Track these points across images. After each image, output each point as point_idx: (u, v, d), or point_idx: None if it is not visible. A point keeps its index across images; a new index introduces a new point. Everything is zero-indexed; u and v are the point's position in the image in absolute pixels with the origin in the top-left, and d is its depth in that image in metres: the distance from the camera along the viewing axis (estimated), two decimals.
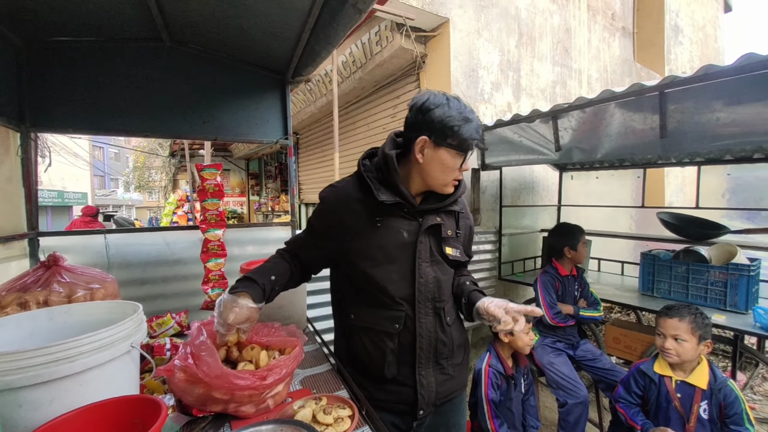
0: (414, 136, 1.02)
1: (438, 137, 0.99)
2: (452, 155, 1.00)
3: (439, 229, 1.10)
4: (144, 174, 15.45)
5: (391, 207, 1.05)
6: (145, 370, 1.22)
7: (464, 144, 1.00)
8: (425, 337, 1.08)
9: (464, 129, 0.98)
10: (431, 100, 1.00)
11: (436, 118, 0.97)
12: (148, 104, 1.77)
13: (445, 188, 1.07)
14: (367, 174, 1.07)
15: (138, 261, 1.83)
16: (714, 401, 1.50)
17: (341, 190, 1.13)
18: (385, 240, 1.05)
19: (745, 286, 2.14)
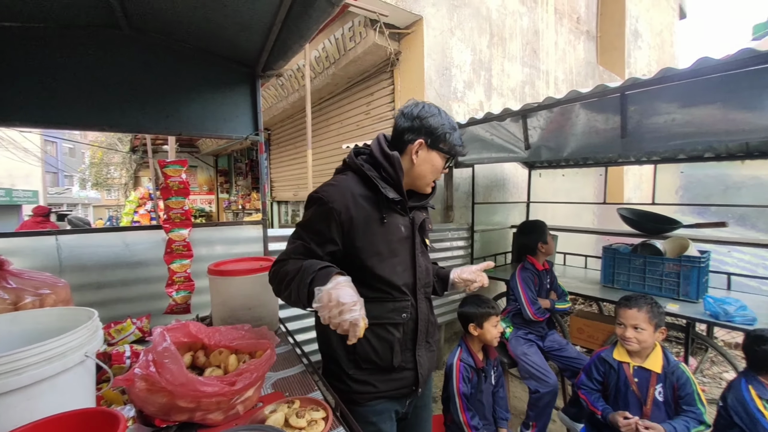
0: (410, 139, 1.13)
1: (433, 141, 1.13)
2: (441, 158, 1.16)
3: (425, 224, 1.24)
4: (102, 170, 14.57)
5: (392, 204, 1.13)
6: (103, 380, 1.14)
7: (453, 149, 1.16)
8: (423, 320, 1.22)
9: (454, 136, 1.15)
10: (426, 110, 1.14)
11: (432, 124, 1.12)
12: (104, 96, 1.65)
13: (427, 187, 1.22)
14: (370, 173, 1.12)
15: (94, 264, 1.72)
16: (668, 384, 1.60)
17: (344, 188, 1.11)
18: (391, 235, 1.13)
19: (696, 277, 2.29)
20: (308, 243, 1.08)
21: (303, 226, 1.11)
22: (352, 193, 1.10)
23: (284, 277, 1.03)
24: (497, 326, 1.81)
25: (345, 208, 1.07)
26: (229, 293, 1.48)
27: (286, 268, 1.04)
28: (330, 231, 1.08)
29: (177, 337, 1.07)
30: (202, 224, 2.03)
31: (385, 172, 1.12)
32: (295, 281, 0.98)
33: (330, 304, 0.88)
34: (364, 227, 1.09)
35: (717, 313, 1.96)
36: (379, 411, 1.17)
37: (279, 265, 1.08)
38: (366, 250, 1.10)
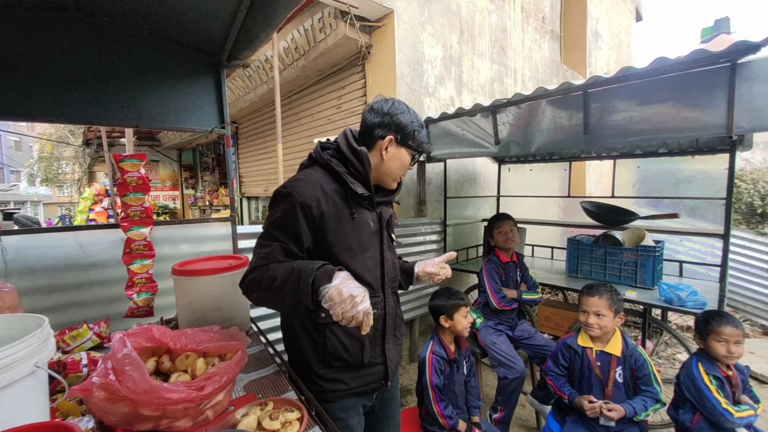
0: (380, 135, 1.14)
1: (402, 138, 1.14)
2: (408, 154, 1.18)
3: (391, 219, 1.27)
4: (52, 165, 13.52)
5: (360, 199, 1.14)
6: (58, 390, 1.07)
7: (420, 146, 1.18)
8: (391, 315, 1.23)
9: (422, 134, 1.17)
10: (396, 106, 1.14)
11: (402, 121, 1.13)
12: (51, 84, 1.51)
13: (393, 183, 1.23)
14: (339, 169, 1.11)
15: (43, 266, 1.58)
16: (627, 366, 1.71)
17: (313, 183, 1.08)
18: (360, 230, 1.14)
19: (651, 265, 2.45)
20: (285, 243, 1.03)
21: (274, 226, 1.06)
22: (322, 188, 1.08)
23: (271, 284, 0.97)
24: (467, 317, 1.85)
25: (316, 202, 1.05)
26: (196, 294, 1.42)
27: (270, 273, 0.98)
28: (303, 227, 1.05)
29: (139, 342, 1.01)
30: (165, 222, 1.92)
31: (353, 168, 1.12)
32: (289, 285, 0.94)
33: (342, 298, 0.88)
34: (335, 222, 1.09)
35: (671, 299, 2.10)
36: (347, 407, 1.17)
37: (258, 271, 1.01)
38: (338, 245, 1.09)
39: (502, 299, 2.45)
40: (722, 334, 1.60)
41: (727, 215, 1.95)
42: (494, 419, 2.27)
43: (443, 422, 1.70)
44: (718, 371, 1.62)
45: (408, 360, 3.44)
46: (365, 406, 1.25)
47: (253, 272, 1.03)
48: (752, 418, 1.54)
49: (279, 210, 1.06)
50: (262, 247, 1.06)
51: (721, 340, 1.61)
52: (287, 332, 1.24)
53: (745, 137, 2.28)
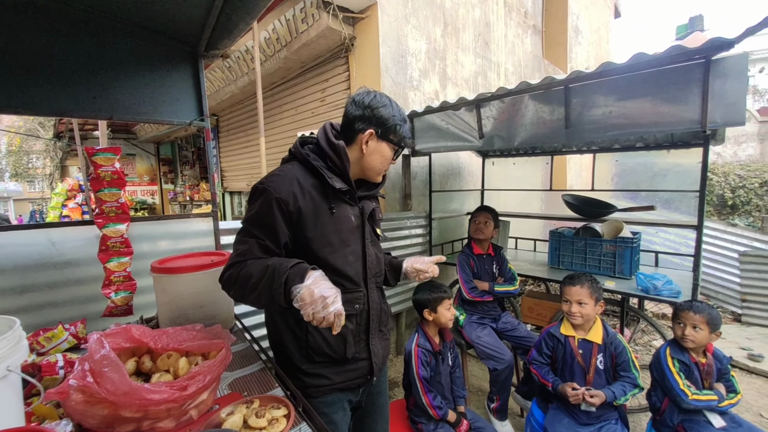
0: (361, 128, 1.12)
1: (383, 132, 1.12)
2: (390, 149, 1.16)
3: (374, 213, 1.24)
4: (22, 159, 12.89)
5: (340, 194, 1.12)
6: (33, 393, 1.03)
7: (402, 141, 1.17)
8: (375, 310, 1.22)
9: (403, 128, 1.15)
10: (377, 99, 1.12)
11: (383, 115, 1.11)
12: (15, 74, 1.42)
13: (377, 177, 1.21)
14: (317, 163, 1.09)
15: (13, 265, 1.51)
16: (607, 353, 1.77)
17: (290, 177, 1.07)
18: (341, 225, 1.12)
19: (629, 256, 2.53)
20: (262, 240, 1.04)
21: (251, 222, 1.05)
22: (299, 183, 1.07)
23: (247, 281, 0.97)
24: (450, 309, 1.87)
25: (293, 197, 1.04)
26: (177, 292, 1.38)
27: (246, 270, 0.98)
28: (280, 223, 1.04)
29: (117, 343, 0.98)
30: (142, 218, 1.86)
31: (331, 162, 1.10)
32: (264, 283, 0.94)
33: (313, 299, 0.87)
34: (313, 217, 1.07)
35: (647, 288, 2.18)
36: (331, 402, 1.17)
37: (236, 268, 1.01)
38: (317, 240, 1.08)
39: (472, 290, 2.50)
40: (680, 317, 1.71)
41: (701, 207, 2.03)
42: (492, 408, 2.34)
43: (433, 413, 1.72)
44: (687, 357, 1.70)
45: (395, 353, 3.47)
46: (351, 401, 1.24)
47: (231, 269, 1.03)
48: (712, 402, 1.60)
49: (256, 206, 1.05)
50: (239, 243, 1.06)
51: (680, 323, 1.70)
52: (271, 328, 1.23)
53: (717, 132, 2.37)
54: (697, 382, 1.68)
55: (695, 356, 1.70)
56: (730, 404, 1.62)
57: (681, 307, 1.73)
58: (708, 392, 1.63)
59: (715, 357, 1.71)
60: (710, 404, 1.61)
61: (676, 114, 1.81)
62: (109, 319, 1.64)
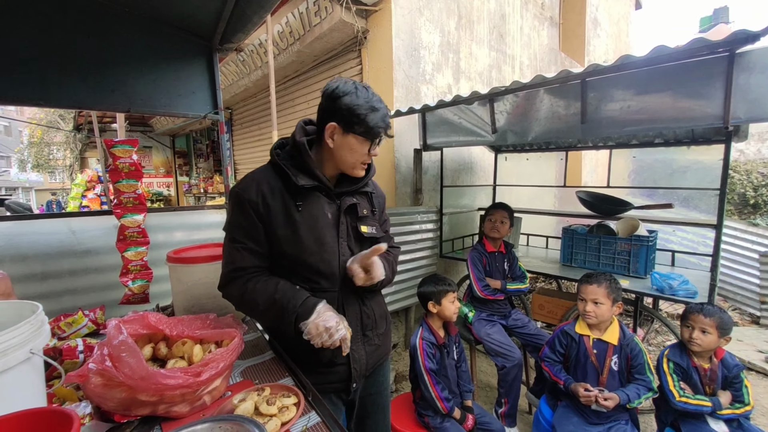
0: (324, 121, 1.05)
1: (346, 124, 1.03)
2: (360, 141, 1.05)
3: (356, 209, 1.17)
4: (43, 151, 13.27)
5: (310, 191, 1.09)
6: (54, 376, 1.07)
7: (371, 132, 1.04)
8: (353, 313, 1.16)
9: (370, 117, 1.02)
10: (340, 88, 1.02)
11: (344, 105, 1.01)
12: (38, 67, 1.47)
13: (354, 171, 1.12)
14: (283, 162, 1.08)
15: (36, 253, 1.57)
16: (623, 354, 1.74)
17: (259, 178, 1.08)
18: (312, 223, 1.08)
19: (644, 255, 2.47)
20: (245, 244, 1.06)
21: (232, 227, 1.08)
22: (267, 182, 1.07)
23: (253, 307, 1.05)
24: (454, 302, 1.87)
25: (261, 197, 1.05)
26: (192, 281, 1.41)
27: (251, 297, 1.04)
28: (256, 224, 1.06)
29: (135, 329, 1.01)
30: (158, 209, 1.90)
31: (295, 160, 1.09)
32: (273, 315, 1.03)
33: (318, 332, 0.97)
34: (284, 216, 1.06)
35: (662, 288, 2.14)
36: None
37: (235, 287, 1.07)
38: (289, 238, 1.06)
39: (485, 288, 2.46)
40: (689, 319, 1.67)
41: (721, 206, 1.97)
42: (500, 414, 2.27)
43: (441, 405, 1.73)
44: (686, 360, 1.67)
45: (403, 347, 3.49)
46: (342, 398, 1.22)
47: (230, 286, 1.08)
48: (703, 408, 1.57)
49: (232, 210, 1.08)
50: (227, 250, 1.09)
51: (688, 325, 1.67)
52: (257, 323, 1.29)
53: (740, 128, 2.29)
54: (696, 386, 1.65)
55: (697, 360, 1.66)
56: (734, 414, 1.56)
57: (691, 309, 1.69)
58: (702, 398, 1.59)
59: (723, 363, 1.65)
60: (700, 409, 1.58)
61: (697, 109, 1.76)
62: (126, 307, 1.69)
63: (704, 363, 1.66)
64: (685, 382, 1.67)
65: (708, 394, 1.63)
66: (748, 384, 1.62)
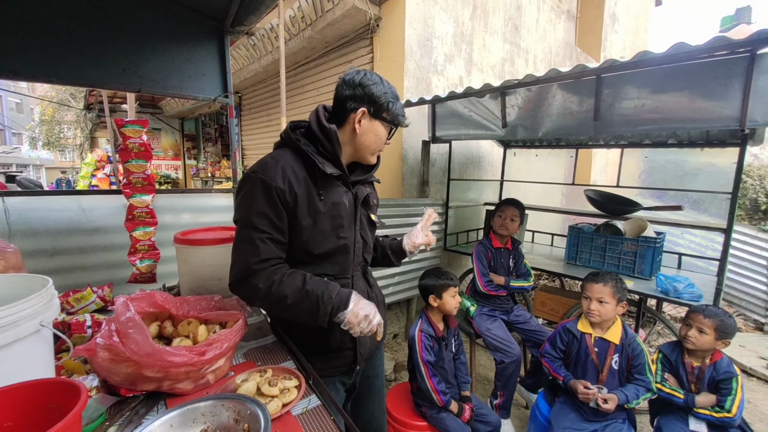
0: (353, 108, 1.08)
1: (375, 110, 1.09)
2: (384, 127, 1.13)
3: (369, 199, 1.22)
4: (54, 129, 13.38)
5: (331, 179, 1.10)
6: (63, 349, 1.10)
7: (395, 119, 1.13)
8: None
9: (396, 106, 1.11)
10: (369, 77, 1.08)
11: (375, 92, 1.07)
12: (50, 44, 1.47)
13: (371, 158, 1.17)
14: (307, 148, 1.07)
15: (46, 229, 1.60)
16: (624, 354, 1.74)
17: (283, 165, 1.04)
18: (333, 211, 1.09)
19: (651, 256, 2.45)
20: (271, 233, 1.02)
21: (254, 215, 1.01)
22: (292, 169, 1.04)
23: (281, 301, 1.00)
24: (455, 297, 1.87)
25: (288, 185, 1.02)
26: (198, 263, 1.43)
27: (279, 291, 0.98)
28: (282, 214, 1.02)
29: (142, 307, 1.03)
30: (167, 191, 1.92)
31: (322, 147, 1.07)
32: (304, 308, 1.00)
33: (358, 320, 1.01)
34: (308, 205, 1.05)
35: (667, 290, 2.12)
36: None
37: (260, 280, 0.99)
38: (310, 228, 1.06)
39: (488, 283, 2.46)
40: (689, 318, 1.71)
41: (732, 210, 1.94)
42: (495, 405, 2.30)
43: (437, 398, 1.75)
44: (677, 355, 1.74)
45: (404, 337, 3.52)
46: (344, 383, 1.25)
47: (253, 278, 1.00)
48: (673, 398, 1.65)
49: (253, 197, 1.01)
50: (245, 242, 1.02)
51: (688, 323, 1.71)
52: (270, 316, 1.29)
53: (756, 131, 2.24)
54: (681, 381, 1.70)
55: (688, 358, 1.71)
56: (711, 416, 1.59)
57: (694, 308, 1.73)
58: (677, 389, 1.67)
59: (715, 366, 1.65)
60: (671, 398, 1.66)
61: (713, 110, 1.72)
62: (134, 285, 1.72)
63: (695, 362, 1.69)
64: (672, 375, 1.73)
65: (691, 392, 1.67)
66: (738, 393, 1.59)
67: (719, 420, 1.58)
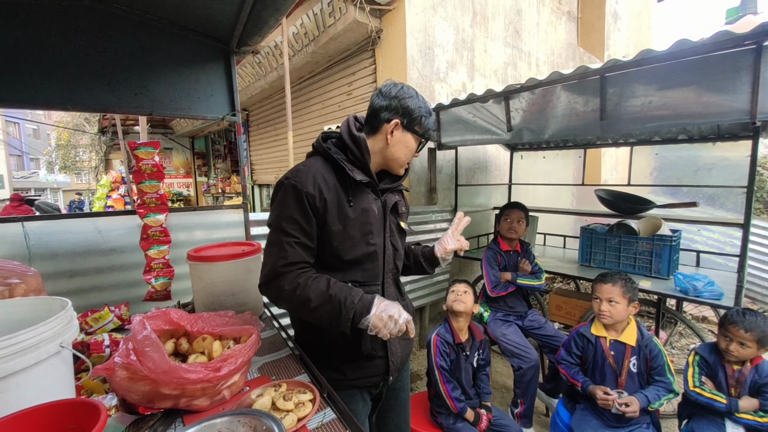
0: (387, 118, 1.11)
1: (409, 122, 1.12)
2: (415, 140, 1.15)
3: (398, 206, 1.23)
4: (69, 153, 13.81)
5: (361, 186, 1.12)
6: (82, 369, 1.12)
7: (426, 133, 1.16)
8: None
9: (429, 120, 1.15)
10: (405, 90, 1.12)
11: (411, 105, 1.11)
12: (65, 72, 1.53)
13: (401, 169, 1.19)
14: (337, 156, 1.09)
15: (64, 251, 1.64)
16: (641, 356, 1.70)
17: (314, 172, 1.07)
18: (363, 218, 1.11)
19: (667, 255, 2.40)
20: (297, 238, 1.04)
21: (284, 220, 1.04)
22: (323, 176, 1.07)
23: (305, 304, 1.01)
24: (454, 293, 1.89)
25: (319, 191, 1.04)
26: (211, 279, 1.45)
27: (304, 294, 1.00)
28: (311, 218, 1.04)
29: (158, 325, 1.05)
30: (179, 209, 1.96)
31: (352, 155, 1.10)
32: (327, 312, 1.00)
33: (384, 323, 1.00)
34: (338, 210, 1.07)
35: (686, 289, 2.07)
36: (350, 395, 1.16)
37: (286, 281, 1.01)
38: (341, 234, 1.08)
39: (495, 287, 2.45)
40: (728, 331, 1.61)
41: (748, 204, 1.89)
42: (516, 414, 2.25)
43: (451, 404, 1.72)
44: (715, 358, 1.65)
45: (418, 346, 3.48)
46: (371, 393, 1.24)
47: (279, 280, 1.02)
48: (715, 403, 1.55)
49: (284, 203, 1.05)
50: (275, 245, 1.05)
51: (727, 336, 1.61)
52: (294, 323, 1.27)
53: None
54: (720, 385, 1.62)
55: (728, 363, 1.63)
56: (755, 421, 1.51)
57: (731, 320, 1.61)
58: (719, 394, 1.57)
59: (757, 369, 1.58)
60: (712, 403, 1.56)
61: (723, 104, 1.69)
62: (149, 303, 1.74)
63: (735, 365, 1.62)
64: (710, 378, 1.64)
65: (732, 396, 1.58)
66: None
67: (762, 425, 1.51)
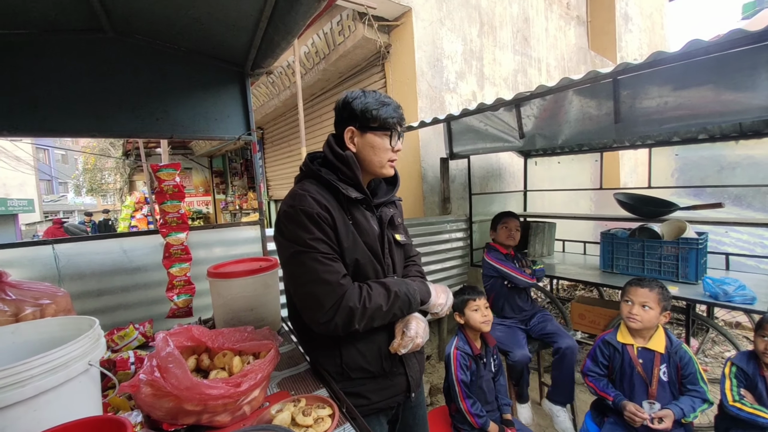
0: (342, 130, 1.11)
1: (361, 124, 1.08)
2: (379, 137, 1.09)
3: (393, 220, 1.22)
4: (96, 176, 14.46)
5: (355, 203, 1.12)
6: (108, 386, 1.15)
7: (385, 123, 1.09)
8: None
9: (382, 111, 1.08)
10: (349, 96, 1.10)
11: (356, 107, 1.08)
12: (92, 102, 1.62)
13: (383, 170, 1.14)
14: (329, 177, 1.09)
15: (92, 271, 1.71)
16: (672, 363, 1.62)
17: (312, 193, 1.07)
18: (364, 235, 1.11)
19: (694, 259, 2.31)
20: (333, 254, 1.04)
21: (313, 243, 1.01)
22: (321, 196, 1.07)
23: (378, 311, 1.05)
24: (479, 311, 1.82)
25: (325, 210, 1.04)
26: (231, 295, 1.48)
27: (375, 302, 1.03)
28: (331, 236, 1.04)
29: (180, 342, 1.07)
30: (199, 227, 2.02)
31: (342, 174, 1.10)
32: (399, 308, 1.08)
33: (441, 302, 1.17)
34: (344, 228, 1.07)
35: (716, 294, 1.98)
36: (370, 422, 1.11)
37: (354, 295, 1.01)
38: (350, 250, 1.08)
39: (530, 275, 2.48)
40: (765, 330, 1.54)
41: None
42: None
43: (471, 420, 1.68)
44: (753, 367, 1.56)
45: (437, 359, 3.43)
46: (387, 415, 1.23)
47: (346, 299, 1.00)
48: (758, 418, 1.45)
49: (301, 228, 1.02)
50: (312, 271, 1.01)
51: (765, 336, 1.54)
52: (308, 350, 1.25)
53: None
54: (761, 396, 1.52)
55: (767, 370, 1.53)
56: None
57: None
58: (762, 408, 1.47)
59: None
60: (754, 419, 1.46)
61: (742, 102, 1.65)
62: (172, 320, 1.79)
63: None
64: (749, 390, 1.54)
65: None
66: None
67: None
